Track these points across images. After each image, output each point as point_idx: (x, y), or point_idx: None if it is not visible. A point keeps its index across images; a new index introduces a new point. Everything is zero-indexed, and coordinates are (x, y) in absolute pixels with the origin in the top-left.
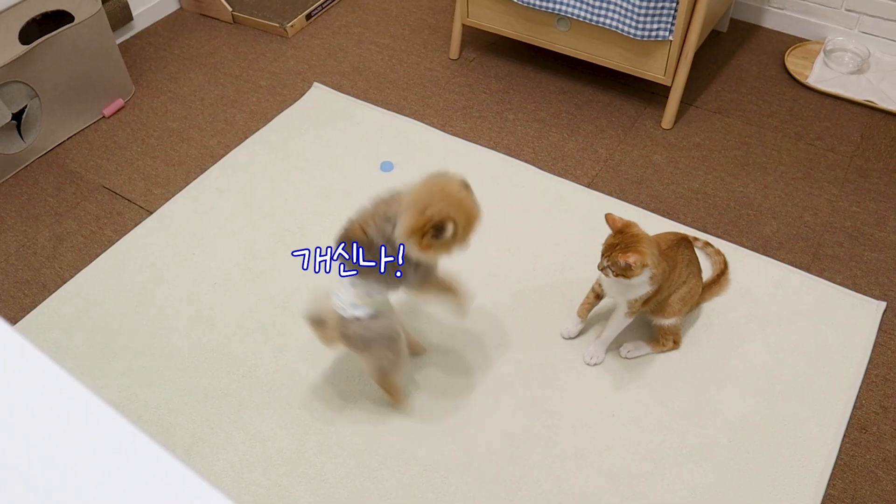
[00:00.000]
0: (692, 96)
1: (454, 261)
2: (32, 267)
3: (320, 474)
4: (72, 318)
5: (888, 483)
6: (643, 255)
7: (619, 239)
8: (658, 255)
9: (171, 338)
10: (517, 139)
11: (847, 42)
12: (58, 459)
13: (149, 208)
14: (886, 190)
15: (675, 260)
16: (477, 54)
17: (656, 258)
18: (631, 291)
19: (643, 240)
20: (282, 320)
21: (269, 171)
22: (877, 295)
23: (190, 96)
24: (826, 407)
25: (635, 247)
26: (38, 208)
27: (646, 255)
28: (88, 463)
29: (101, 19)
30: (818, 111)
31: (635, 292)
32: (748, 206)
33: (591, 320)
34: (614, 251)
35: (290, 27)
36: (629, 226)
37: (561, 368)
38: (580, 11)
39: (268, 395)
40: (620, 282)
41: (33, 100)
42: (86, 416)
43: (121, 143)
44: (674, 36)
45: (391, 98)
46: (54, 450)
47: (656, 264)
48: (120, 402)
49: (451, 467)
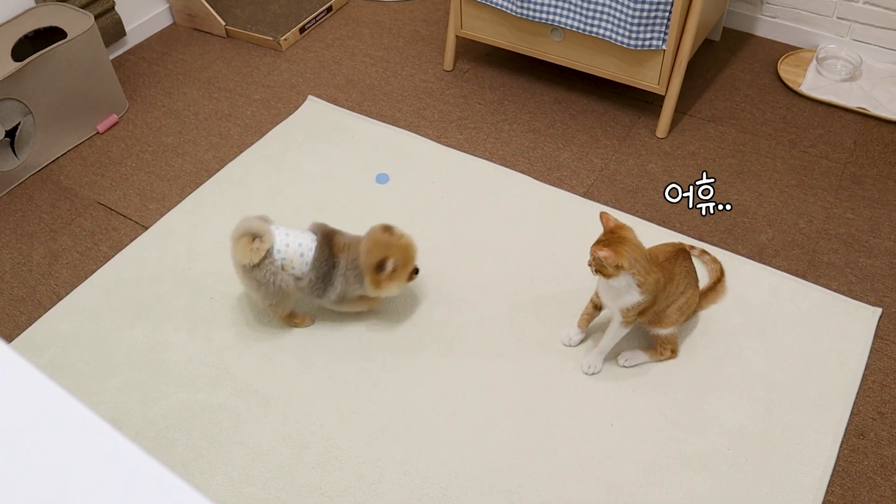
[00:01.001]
0: (686, 105)
1: (453, 269)
2: (28, 284)
3: (319, 488)
4: (68, 334)
5: (886, 489)
6: (619, 254)
7: (607, 237)
8: (645, 265)
9: (168, 353)
10: (512, 150)
11: (839, 50)
12: (56, 477)
13: (144, 223)
14: (880, 196)
15: (673, 272)
16: (471, 65)
17: (638, 265)
18: (621, 299)
19: (627, 243)
20: (279, 334)
21: (264, 184)
22: (872, 301)
23: (184, 111)
24: (823, 413)
25: (615, 246)
26: (32, 225)
27: (622, 256)
28: (86, 480)
29: (94, 35)
30: (811, 119)
31: (625, 300)
32: (743, 213)
33: (592, 330)
34: (595, 245)
35: (283, 41)
36: (621, 228)
37: (559, 378)
38: (574, 22)
39: (266, 410)
40: (610, 287)
41: (27, 117)
42: (83, 433)
43: (115, 159)
44: (667, 45)
45: (386, 110)
46: (52, 467)
47: (640, 273)
48: (117, 419)
49: (450, 479)
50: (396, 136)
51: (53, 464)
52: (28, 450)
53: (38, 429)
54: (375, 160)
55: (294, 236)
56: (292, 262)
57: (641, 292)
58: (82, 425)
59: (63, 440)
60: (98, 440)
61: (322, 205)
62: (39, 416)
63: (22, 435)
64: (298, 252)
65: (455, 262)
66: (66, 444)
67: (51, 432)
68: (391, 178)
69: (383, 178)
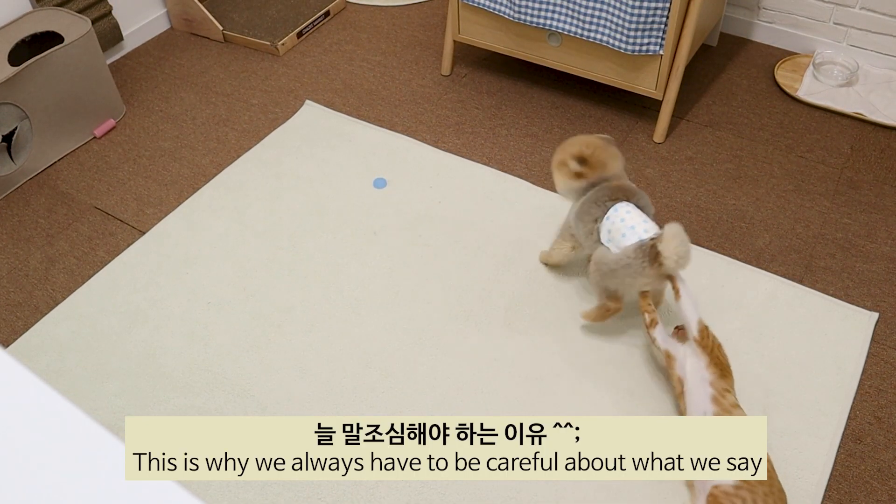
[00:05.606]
0: (683, 110)
1: (451, 274)
2: (24, 289)
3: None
4: (65, 340)
5: (883, 493)
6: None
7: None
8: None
9: (166, 358)
10: (510, 154)
11: (836, 55)
12: (53, 483)
13: (141, 228)
14: (877, 201)
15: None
16: (468, 70)
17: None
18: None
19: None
20: (276, 339)
21: (261, 189)
22: (869, 306)
23: (181, 115)
24: (821, 418)
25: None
26: (29, 230)
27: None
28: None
29: (91, 40)
30: (808, 124)
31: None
32: (740, 218)
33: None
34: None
35: (281, 45)
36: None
37: (557, 383)
38: (571, 27)
39: (263, 415)
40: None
41: (23, 121)
42: (80, 438)
43: (112, 164)
44: (664, 50)
45: (383, 115)
46: (49, 474)
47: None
48: (114, 424)
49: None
50: (394, 140)
51: (50, 470)
52: (25, 455)
53: (35, 434)
54: (373, 165)
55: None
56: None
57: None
58: (79, 431)
59: (60, 446)
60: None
61: (320, 209)
62: (36, 422)
63: (18, 440)
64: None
65: (453, 267)
66: (63, 449)
67: (47, 438)
68: (389, 183)
69: (381, 182)
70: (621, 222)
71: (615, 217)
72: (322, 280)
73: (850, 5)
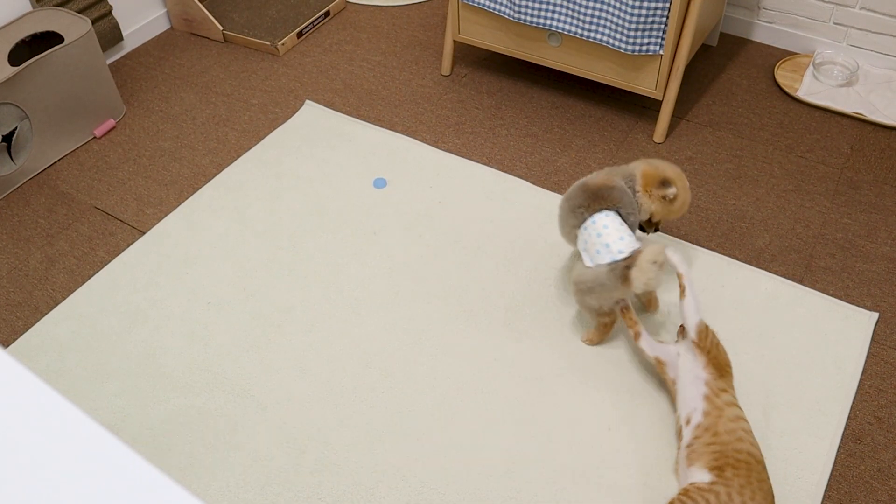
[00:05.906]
0: (683, 110)
1: (451, 274)
2: (24, 289)
3: (317, 493)
4: (64, 340)
5: (883, 493)
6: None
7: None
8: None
9: (166, 358)
10: (510, 154)
11: (836, 55)
12: (52, 483)
13: (141, 228)
14: (877, 201)
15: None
16: (468, 70)
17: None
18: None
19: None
20: (276, 339)
21: (261, 189)
22: (869, 306)
23: (181, 115)
24: (821, 418)
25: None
26: (29, 230)
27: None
28: (83, 486)
29: (91, 40)
30: (808, 124)
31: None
32: (740, 218)
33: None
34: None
35: (281, 45)
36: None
37: (557, 383)
38: (571, 27)
39: (263, 415)
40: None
41: (23, 121)
42: (80, 438)
43: (112, 164)
44: (664, 50)
45: (383, 115)
46: (48, 474)
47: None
48: (114, 424)
49: (448, 484)
50: (394, 140)
51: (50, 470)
52: (24, 455)
53: (35, 434)
54: (373, 165)
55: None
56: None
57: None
58: (79, 430)
59: (60, 446)
60: (95, 446)
61: (320, 209)
62: (36, 422)
63: (18, 440)
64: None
65: (453, 267)
66: (63, 449)
67: (47, 438)
68: (389, 183)
69: (381, 182)
70: (598, 237)
71: (592, 230)
72: (322, 280)
73: (850, 5)
